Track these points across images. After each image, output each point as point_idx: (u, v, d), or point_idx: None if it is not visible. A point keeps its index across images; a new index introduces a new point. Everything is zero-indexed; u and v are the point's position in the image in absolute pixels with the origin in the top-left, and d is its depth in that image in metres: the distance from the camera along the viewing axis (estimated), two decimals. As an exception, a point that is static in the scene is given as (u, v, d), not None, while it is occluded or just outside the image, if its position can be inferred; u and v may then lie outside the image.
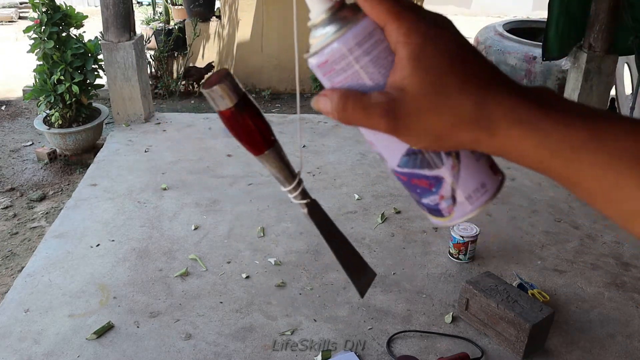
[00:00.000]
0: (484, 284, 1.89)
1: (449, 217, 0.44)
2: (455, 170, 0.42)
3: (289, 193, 0.60)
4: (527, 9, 8.49)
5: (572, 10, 3.43)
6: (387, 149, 0.43)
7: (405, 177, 0.43)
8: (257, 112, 0.56)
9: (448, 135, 0.38)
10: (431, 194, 0.43)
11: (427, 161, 0.42)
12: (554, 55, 3.57)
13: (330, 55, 0.39)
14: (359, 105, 0.38)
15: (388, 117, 0.37)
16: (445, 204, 0.43)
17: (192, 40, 4.97)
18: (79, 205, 2.62)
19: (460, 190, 0.43)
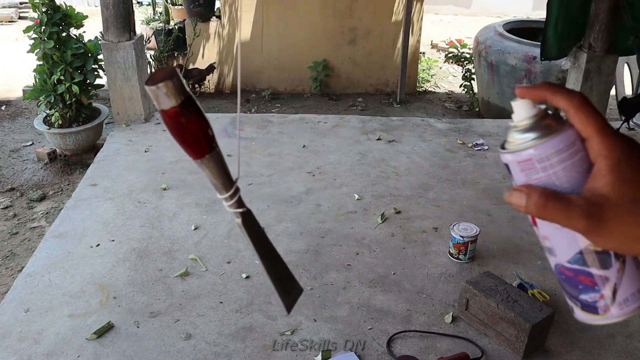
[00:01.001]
0: (484, 284, 1.89)
1: (603, 315, 0.47)
2: (620, 274, 0.46)
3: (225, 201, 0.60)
4: (527, 9, 8.49)
5: (572, 10, 3.43)
6: (561, 245, 0.46)
7: (571, 272, 0.47)
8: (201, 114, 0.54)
9: (634, 243, 0.43)
10: (592, 292, 0.46)
11: (598, 262, 0.45)
12: (553, 55, 3.57)
13: (535, 155, 0.44)
14: (559, 204, 0.43)
15: (587, 219, 0.42)
16: (602, 303, 0.46)
17: (192, 40, 4.97)
18: (79, 205, 2.62)
19: (620, 293, 0.46)
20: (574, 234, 0.45)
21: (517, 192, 0.45)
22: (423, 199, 2.76)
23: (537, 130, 0.44)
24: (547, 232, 0.47)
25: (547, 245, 0.48)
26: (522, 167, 0.45)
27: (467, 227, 2.25)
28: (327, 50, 5.10)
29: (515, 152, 0.45)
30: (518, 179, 0.46)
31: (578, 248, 0.46)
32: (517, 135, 0.45)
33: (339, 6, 4.95)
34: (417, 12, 5.03)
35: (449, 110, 4.98)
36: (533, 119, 0.45)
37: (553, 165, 0.44)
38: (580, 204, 0.42)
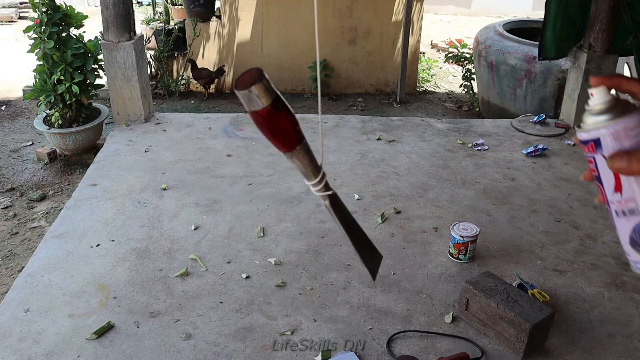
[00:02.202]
0: (484, 284, 1.89)
1: None
2: None
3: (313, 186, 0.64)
4: (527, 9, 8.49)
5: (571, 11, 3.43)
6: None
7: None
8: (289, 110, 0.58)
9: None
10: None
11: None
12: (551, 55, 3.57)
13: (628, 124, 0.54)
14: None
15: None
16: None
17: (192, 40, 4.97)
18: (79, 205, 2.62)
19: None
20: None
21: (618, 156, 0.54)
22: (423, 199, 2.76)
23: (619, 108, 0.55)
24: (634, 192, 0.55)
25: (631, 207, 0.56)
26: (615, 137, 0.54)
27: (467, 227, 2.25)
28: (327, 50, 5.10)
29: (612, 124, 0.54)
30: (611, 148, 0.54)
31: None
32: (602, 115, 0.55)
33: (339, 6, 4.95)
34: (417, 12, 5.03)
35: (449, 110, 4.98)
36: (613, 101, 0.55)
37: (638, 134, 0.54)
38: None
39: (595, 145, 0.56)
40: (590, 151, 0.57)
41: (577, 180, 2.98)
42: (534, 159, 3.24)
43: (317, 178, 0.62)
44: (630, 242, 0.59)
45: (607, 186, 0.57)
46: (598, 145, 0.56)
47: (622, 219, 0.58)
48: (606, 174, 0.57)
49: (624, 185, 0.56)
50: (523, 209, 2.70)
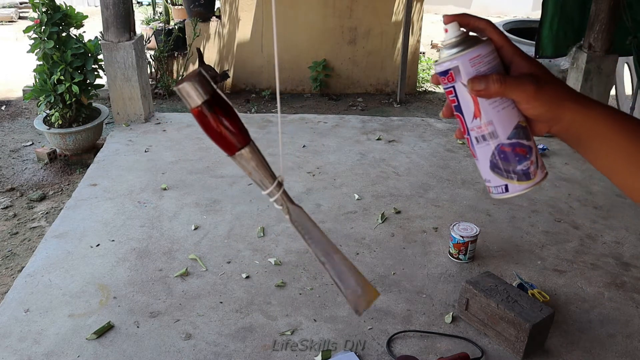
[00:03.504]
0: (484, 284, 1.89)
1: (533, 179, 0.62)
2: (535, 146, 0.62)
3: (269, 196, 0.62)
4: (527, 9, 8.49)
5: (568, 10, 3.43)
6: (503, 124, 0.60)
7: (510, 147, 0.61)
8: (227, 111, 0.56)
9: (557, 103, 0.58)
10: (526, 160, 0.61)
11: (526, 134, 0.61)
12: (548, 54, 3.57)
13: (482, 51, 0.59)
14: (513, 78, 0.58)
15: (536, 83, 0.58)
16: (532, 168, 0.61)
17: (192, 40, 4.97)
18: (79, 205, 2.62)
19: (539, 159, 0.62)
20: (512, 112, 0.60)
21: (477, 78, 0.58)
22: (423, 199, 2.76)
23: (470, 40, 0.60)
24: (492, 115, 0.60)
25: (490, 130, 0.60)
26: (472, 63, 0.59)
27: (467, 227, 2.25)
28: (327, 50, 5.10)
29: (468, 52, 0.59)
30: (469, 73, 0.59)
31: (515, 122, 0.60)
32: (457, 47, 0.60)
33: (339, 6, 4.94)
34: (417, 12, 5.03)
35: (449, 110, 4.98)
36: (464, 34, 0.60)
37: (491, 61, 0.59)
38: (525, 76, 0.58)
39: (455, 74, 0.60)
40: (450, 81, 0.61)
41: (577, 180, 2.98)
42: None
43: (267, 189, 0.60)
44: (490, 167, 0.62)
45: (467, 114, 0.61)
46: (457, 74, 0.60)
47: (482, 144, 0.62)
48: (465, 102, 0.61)
49: (482, 109, 0.60)
50: (523, 209, 2.70)
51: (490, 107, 0.60)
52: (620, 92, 4.41)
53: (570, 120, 0.59)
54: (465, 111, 0.61)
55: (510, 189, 0.63)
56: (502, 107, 0.60)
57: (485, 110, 0.60)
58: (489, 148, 0.61)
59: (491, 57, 0.60)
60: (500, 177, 0.62)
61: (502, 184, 0.63)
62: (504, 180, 0.62)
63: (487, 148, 0.62)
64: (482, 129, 0.61)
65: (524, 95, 0.58)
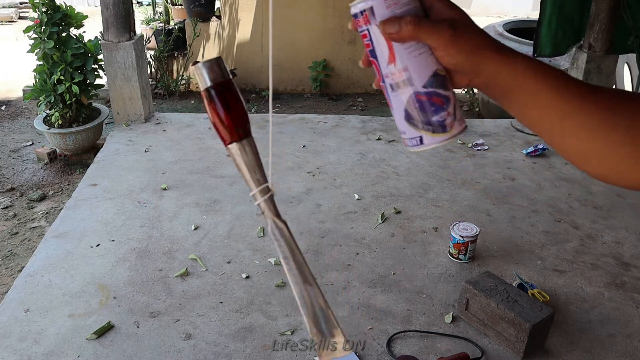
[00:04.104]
0: (484, 284, 1.89)
1: (449, 131, 0.58)
2: (453, 97, 0.58)
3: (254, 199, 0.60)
4: (527, 9, 8.49)
5: (566, 9, 3.43)
6: (419, 70, 0.57)
7: (426, 96, 0.57)
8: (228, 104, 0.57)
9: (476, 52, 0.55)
10: (442, 110, 0.58)
11: (444, 83, 0.57)
12: (547, 53, 3.57)
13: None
14: (428, 22, 0.55)
15: (451, 28, 0.54)
16: (449, 120, 0.58)
17: (192, 40, 4.97)
18: (79, 205, 2.62)
19: (457, 111, 0.59)
20: (428, 59, 0.56)
21: (390, 20, 0.55)
22: (423, 199, 2.76)
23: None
24: (407, 61, 0.57)
25: (406, 76, 0.57)
26: (387, 4, 0.56)
27: (467, 227, 2.25)
28: (327, 50, 5.10)
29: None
30: (383, 14, 0.56)
31: (432, 70, 0.57)
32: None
33: (339, 6, 4.94)
34: (417, 12, 5.03)
35: (449, 110, 4.98)
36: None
37: (408, 3, 0.56)
38: (442, 20, 0.55)
39: (369, 15, 0.57)
40: (364, 23, 0.58)
41: (577, 180, 2.98)
42: (534, 159, 3.24)
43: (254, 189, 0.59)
44: (405, 117, 0.59)
45: (381, 59, 0.58)
46: (371, 15, 0.57)
47: (397, 92, 0.58)
48: (380, 46, 0.58)
49: (397, 54, 0.57)
50: (523, 209, 2.70)
51: (406, 52, 0.56)
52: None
53: (493, 72, 0.56)
54: (380, 56, 0.58)
55: (425, 141, 0.59)
56: (418, 52, 0.56)
57: (400, 55, 0.57)
58: (404, 96, 0.58)
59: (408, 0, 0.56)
60: (415, 128, 0.59)
61: (417, 135, 0.60)
62: (419, 132, 0.59)
63: (402, 96, 0.58)
64: (396, 75, 0.58)
65: (440, 40, 0.55)
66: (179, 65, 5.12)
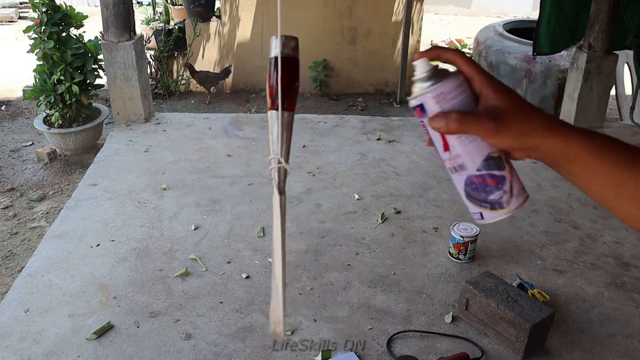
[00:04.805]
0: (484, 284, 1.89)
1: (507, 207, 0.62)
2: (511, 174, 0.62)
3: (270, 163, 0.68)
4: (527, 9, 8.49)
5: (566, 8, 3.45)
6: (472, 157, 0.61)
7: (480, 178, 0.62)
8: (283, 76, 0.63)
9: (524, 136, 0.58)
10: (498, 190, 0.62)
11: (498, 164, 0.61)
12: (545, 51, 3.59)
13: (445, 88, 0.60)
14: (472, 116, 0.59)
15: (495, 121, 0.58)
16: (506, 197, 0.62)
17: (192, 40, 4.97)
18: (79, 205, 2.62)
19: (514, 187, 0.62)
20: (480, 144, 0.60)
21: (437, 117, 0.59)
22: (423, 199, 2.76)
23: (439, 75, 0.60)
24: (459, 149, 0.61)
25: (459, 163, 0.62)
26: (436, 101, 0.60)
27: (467, 227, 2.25)
28: (327, 50, 5.10)
29: (431, 89, 0.60)
30: (432, 111, 0.60)
31: (484, 155, 0.61)
32: (425, 82, 0.61)
33: (339, 6, 4.94)
34: (417, 12, 5.03)
35: (449, 110, 4.98)
36: (433, 69, 0.61)
37: (456, 96, 0.60)
38: (485, 113, 0.58)
39: (422, 110, 0.61)
40: (419, 116, 0.62)
41: (577, 180, 2.98)
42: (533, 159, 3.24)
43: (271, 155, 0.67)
44: (465, 195, 0.64)
45: (438, 147, 0.63)
46: (423, 110, 0.61)
47: (455, 175, 0.64)
48: (435, 136, 0.62)
49: (450, 143, 0.61)
50: (523, 209, 2.69)
51: (457, 141, 0.61)
52: (620, 92, 4.41)
53: (547, 150, 0.59)
54: (436, 144, 0.63)
55: (485, 216, 0.64)
56: (469, 140, 0.60)
57: (452, 144, 0.61)
58: (462, 178, 0.63)
59: (457, 92, 0.60)
60: (475, 205, 0.64)
61: (477, 211, 0.64)
62: (478, 208, 0.64)
63: (460, 178, 0.63)
64: (452, 161, 0.63)
65: (484, 132, 0.58)
66: (179, 65, 5.12)
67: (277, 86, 0.63)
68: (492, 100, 0.59)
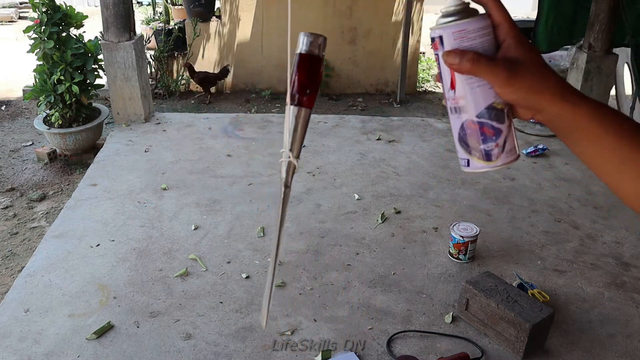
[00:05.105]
0: (484, 284, 1.89)
1: (495, 161, 0.62)
2: (508, 129, 0.61)
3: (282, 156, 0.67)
4: (527, 9, 8.48)
5: (563, 7, 3.46)
6: (475, 101, 0.60)
7: (477, 125, 0.61)
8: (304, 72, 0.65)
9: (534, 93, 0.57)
10: (491, 141, 0.61)
11: (499, 116, 0.60)
12: (543, 49, 3.61)
13: (468, 26, 0.58)
14: (487, 59, 0.57)
15: (509, 70, 0.57)
16: (497, 151, 0.61)
17: (192, 40, 4.97)
18: (79, 205, 2.62)
19: (507, 144, 0.61)
20: (487, 92, 0.59)
21: (453, 53, 0.58)
22: (423, 199, 2.76)
23: (467, 12, 0.59)
24: (464, 90, 0.60)
25: (461, 104, 0.61)
26: (455, 37, 0.58)
27: (467, 227, 2.25)
28: (327, 50, 5.04)
29: (453, 24, 0.59)
30: (449, 45, 0.59)
31: (487, 103, 0.60)
32: (452, 16, 0.59)
33: (339, 6, 4.94)
34: (417, 12, 5.03)
35: (449, 110, 4.99)
36: (463, 5, 0.59)
37: (477, 37, 0.58)
38: (502, 61, 0.57)
39: (440, 43, 0.60)
40: (435, 49, 0.61)
41: (577, 180, 2.98)
42: (534, 159, 3.24)
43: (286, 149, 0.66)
44: (457, 138, 0.63)
45: (445, 83, 0.62)
46: (440, 44, 0.60)
47: (454, 115, 0.63)
48: (445, 71, 0.61)
49: (457, 83, 0.60)
50: (523, 209, 2.70)
51: (466, 82, 0.60)
52: (620, 92, 4.41)
53: (555, 113, 0.58)
54: (444, 80, 0.62)
55: (471, 165, 0.63)
56: (477, 84, 0.59)
57: (460, 84, 0.60)
58: (459, 121, 0.62)
59: (480, 33, 0.59)
60: (464, 150, 0.63)
61: (465, 157, 0.64)
62: (466, 155, 0.63)
63: (457, 120, 0.62)
64: (454, 100, 0.62)
65: (496, 79, 0.57)
66: (179, 65, 5.12)
67: (294, 82, 0.64)
68: (513, 51, 0.58)
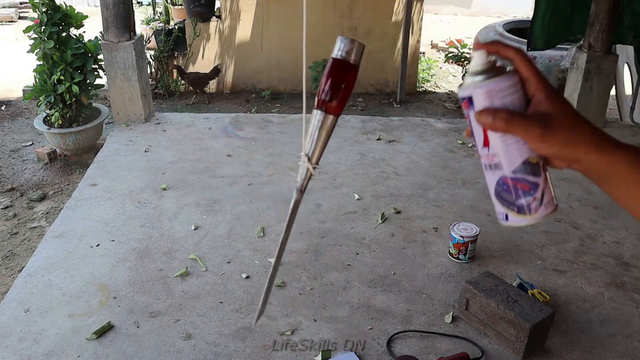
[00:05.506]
0: (484, 284, 1.89)
1: (534, 214, 0.62)
2: (545, 182, 0.61)
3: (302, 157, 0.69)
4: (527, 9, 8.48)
5: (560, 4, 3.46)
6: (510, 158, 0.60)
7: (513, 181, 0.61)
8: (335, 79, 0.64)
9: (569, 146, 0.57)
10: (529, 195, 0.61)
11: (535, 170, 0.61)
12: (540, 46, 3.61)
13: (499, 85, 0.59)
14: (520, 117, 0.58)
15: (542, 127, 0.57)
16: (534, 204, 0.62)
17: (192, 40, 4.97)
18: (79, 205, 2.62)
19: (545, 196, 0.62)
20: (521, 147, 0.59)
21: (485, 112, 0.58)
22: (423, 199, 2.76)
23: (494, 70, 0.59)
24: (499, 148, 0.60)
25: (495, 161, 0.61)
26: (486, 97, 0.59)
27: (467, 227, 2.25)
28: (328, 50, 5.04)
29: (483, 84, 0.59)
30: (480, 105, 0.59)
31: (523, 158, 0.60)
32: (479, 75, 0.60)
33: (339, 6, 4.94)
34: (417, 12, 5.03)
35: (449, 110, 4.98)
36: (490, 64, 0.60)
37: (507, 95, 0.59)
38: (534, 117, 0.58)
39: (469, 102, 0.61)
40: (465, 108, 0.62)
41: (577, 180, 2.98)
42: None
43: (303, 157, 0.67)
44: (494, 194, 0.64)
45: (478, 141, 0.62)
46: (471, 103, 0.60)
47: (489, 172, 0.63)
48: (477, 130, 0.62)
49: (491, 140, 0.61)
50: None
51: (499, 140, 0.60)
52: (620, 92, 4.41)
53: (592, 163, 0.58)
54: (477, 138, 0.62)
55: (510, 219, 0.64)
56: (511, 141, 0.59)
57: (493, 141, 0.60)
58: (495, 177, 0.62)
59: (510, 91, 0.59)
60: (502, 205, 0.64)
61: (503, 212, 0.64)
62: (505, 210, 0.64)
63: (493, 176, 0.63)
64: (489, 158, 0.62)
65: (530, 136, 0.58)
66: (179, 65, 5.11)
67: (323, 86, 0.63)
68: (544, 105, 0.58)
